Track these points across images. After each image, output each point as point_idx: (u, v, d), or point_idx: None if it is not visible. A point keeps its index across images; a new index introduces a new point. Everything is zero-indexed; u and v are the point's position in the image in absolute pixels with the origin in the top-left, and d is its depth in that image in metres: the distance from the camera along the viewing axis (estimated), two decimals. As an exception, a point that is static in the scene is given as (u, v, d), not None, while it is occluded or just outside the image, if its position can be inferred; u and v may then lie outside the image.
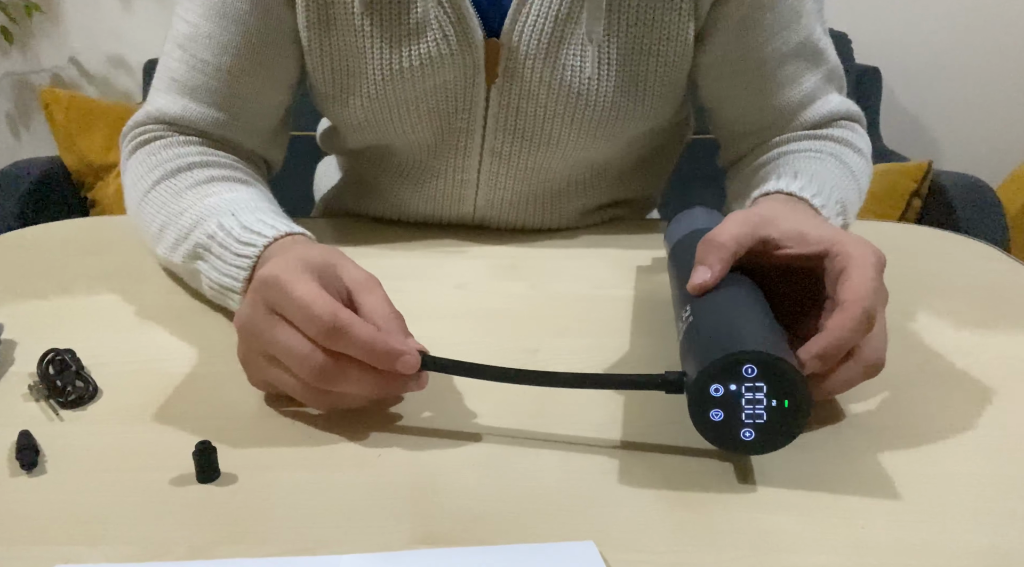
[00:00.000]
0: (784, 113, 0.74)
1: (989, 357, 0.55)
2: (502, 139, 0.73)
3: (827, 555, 0.38)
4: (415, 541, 0.39)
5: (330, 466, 0.44)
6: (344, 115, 0.73)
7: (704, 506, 0.41)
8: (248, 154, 0.73)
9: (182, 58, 0.69)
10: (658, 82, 0.71)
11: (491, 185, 0.77)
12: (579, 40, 0.68)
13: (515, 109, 0.71)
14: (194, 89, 0.68)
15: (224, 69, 0.68)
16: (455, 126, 0.73)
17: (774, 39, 0.70)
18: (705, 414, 0.42)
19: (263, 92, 0.71)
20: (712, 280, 0.48)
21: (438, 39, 0.67)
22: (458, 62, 0.68)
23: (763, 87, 0.73)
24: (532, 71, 0.69)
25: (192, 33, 0.68)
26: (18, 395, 0.50)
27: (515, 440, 0.46)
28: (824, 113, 0.74)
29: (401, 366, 0.44)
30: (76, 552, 0.38)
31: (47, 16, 2.23)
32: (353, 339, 0.43)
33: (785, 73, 0.72)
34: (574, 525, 0.40)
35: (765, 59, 0.71)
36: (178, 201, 0.62)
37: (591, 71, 0.68)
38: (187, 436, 0.46)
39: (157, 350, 0.56)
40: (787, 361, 0.40)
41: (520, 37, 0.67)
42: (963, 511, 0.41)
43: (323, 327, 0.43)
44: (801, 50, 0.71)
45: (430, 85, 0.69)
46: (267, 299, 0.46)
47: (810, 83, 0.73)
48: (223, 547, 0.38)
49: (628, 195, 0.84)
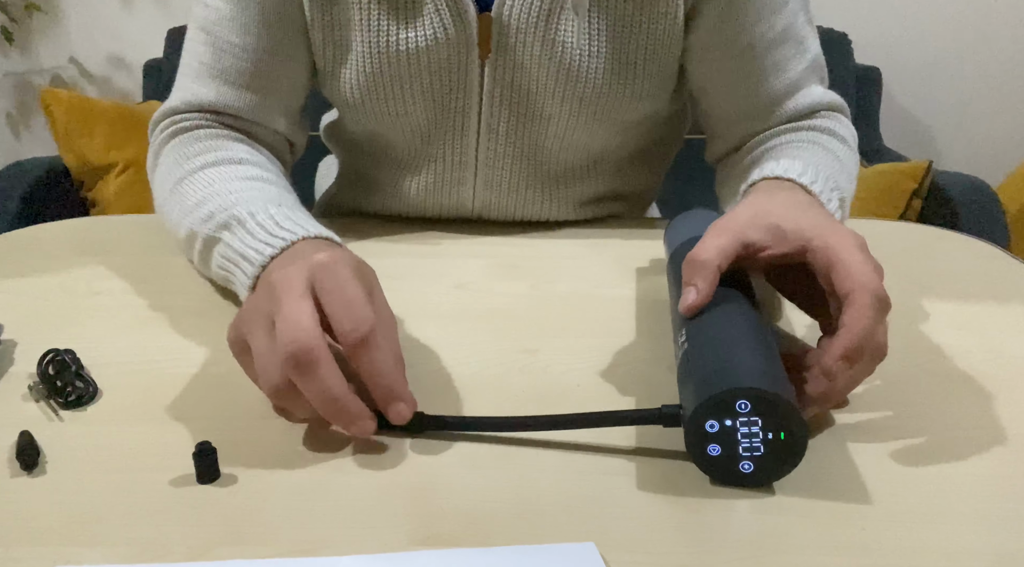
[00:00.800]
0: (769, 102, 0.74)
1: (989, 357, 0.55)
2: (498, 116, 0.74)
3: (827, 556, 0.38)
4: (415, 541, 0.39)
5: (330, 466, 0.44)
6: (341, 91, 0.74)
7: (704, 507, 0.41)
8: (279, 139, 0.75)
9: (208, 41, 0.69)
10: (648, 60, 0.72)
11: (490, 165, 0.77)
12: (569, 15, 0.68)
13: (509, 83, 0.72)
14: (224, 71, 0.69)
15: (250, 49, 0.69)
16: (451, 106, 0.74)
17: (760, 23, 0.70)
18: (703, 449, 0.42)
19: (287, 71, 0.72)
20: (700, 300, 0.48)
21: (432, 15, 0.68)
22: (452, 39, 0.69)
23: (750, 72, 0.73)
24: (524, 46, 0.69)
25: (215, 17, 0.69)
26: (18, 395, 0.50)
27: (515, 440, 0.46)
28: (807, 104, 0.74)
29: (360, 430, 0.44)
30: (76, 552, 0.38)
31: (47, 16, 2.23)
32: (315, 384, 0.43)
33: (772, 59, 0.72)
34: (574, 525, 0.40)
35: (752, 43, 0.71)
36: (228, 184, 0.62)
37: (582, 46, 0.69)
38: (187, 436, 0.46)
39: (157, 350, 0.56)
40: (780, 394, 0.40)
41: (511, 11, 0.68)
42: (963, 511, 0.41)
43: (293, 356, 0.42)
44: (785, 37, 0.72)
45: (424, 63, 0.70)
46: (313, 276, 0.46)
47: (794, 72, 0.73)
48: (223, 548, 0.38)
49: (625, 188, 0.85)
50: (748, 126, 0.76)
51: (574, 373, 0.53)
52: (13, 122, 2.40)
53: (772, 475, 0.42)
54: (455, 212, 0.81)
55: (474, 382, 0.52)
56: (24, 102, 2.36)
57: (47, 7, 2.21)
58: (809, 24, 0.74)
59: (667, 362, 0.55)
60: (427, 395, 0.50)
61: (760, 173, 0.61)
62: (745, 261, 0.50)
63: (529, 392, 0.51)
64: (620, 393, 0.51)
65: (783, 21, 0.71)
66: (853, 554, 0.38)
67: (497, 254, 0.74)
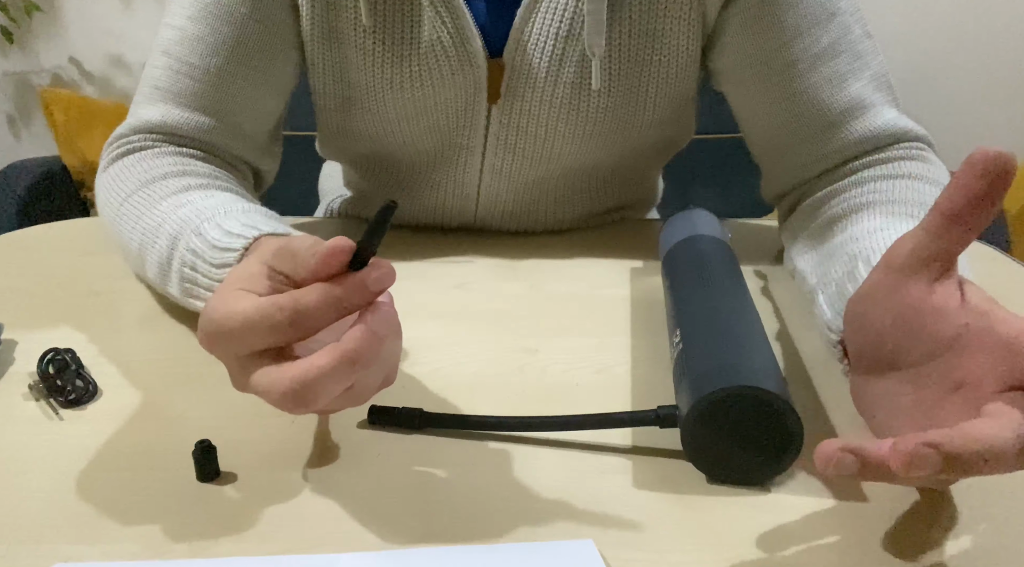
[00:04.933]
0: (826, 122, 0.65)
1: (988, 357, 0.55)
2: (503, 157, 0.73)
3: (827, 556, 0.38)
4: (414, 539, 0.39)
5: (330, 466, 0.44)
6: (345, 125, 0.73)
7: (704, 506, 0.41)
8: (237, 162, 0.70)
9: (166, 64, 0.66)
10: (660, 94, 0.70)
11: (491, 199, 0.77)
12: (581, 56, 0.67)
13: (516, 128, 0.71)
14: (178, 94, 0.66)
15: (212, 71, 0.65)
16: (456, 142, 0.73)
17: (801, 38, 0.64)
18: (698, 449, 0.42)
19: (255, 97, 0.68)
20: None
21: (440, 58, 0.66)
22: (459, 81, 0.68)
23: (794, 90, 0.65)
24: (534, 91, 0.68)
25: (178, 37, 0.66)
26: (18, 395, 0.51)
27: (515, 440, 0.46)
28: (879, 126, 0.64)
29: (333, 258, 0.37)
30: (76, 552, 0.38)
31: (47, 16, 2.23)
32: (310, 309, 0.37)
33: (821, 75, 0.64)
34: (574, 525, 0.40)
35: (794, 60, 0.64)
36: (152, 214, 0.57)
37: (594, 86, 0.67)
38: (187, 436, 0.46)
39: (157, 350, 0.56)
40: (774, 392, 0.40)
41: (523, 57, 0.67)
42: (963, 511, 0.41)
43: (280, 325, 0.37)
44: (837, 50, 0.64)
45: (431, 103, 0.69)
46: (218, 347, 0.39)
47: (855, 88, 0.64)
48: (223, 546, 0.38)
49: (631, 199, 0.84)
50: (805, 152, 0.66)
51: (573, 373, 0.53)
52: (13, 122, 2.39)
53: (767, 474, 0.42)
54: (456, 224, 0.81)
55: (474, 382, 0.52)
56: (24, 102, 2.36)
57: (47, 7, 2.21)
58: (868, 38, 0.66)
59: (665, 362, 0.55)
60: (427, 395, 0.50)
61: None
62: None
63: (529, 392, 0.51)
64: (619, 392, 0.51)
65: (831, 35, 0.64)
66: (851, 553, 0.38)
67: (497, 255, 0.74)
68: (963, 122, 2.21)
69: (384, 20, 0.66)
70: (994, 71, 2.16)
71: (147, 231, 0.57)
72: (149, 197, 0.59)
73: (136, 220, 0.58)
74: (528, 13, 0.66)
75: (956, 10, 2.12)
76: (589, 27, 0.65)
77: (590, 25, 0.65)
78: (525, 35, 0.66)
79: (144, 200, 0.59)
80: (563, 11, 0.65)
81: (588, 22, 0.65)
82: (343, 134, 0.75)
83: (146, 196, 0.59)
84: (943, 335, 0.37)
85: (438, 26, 0.65)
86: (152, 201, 0.59)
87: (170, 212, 0.56)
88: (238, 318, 0.38)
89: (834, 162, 0.65)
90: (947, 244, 0.37)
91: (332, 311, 0.37)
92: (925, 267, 0.38)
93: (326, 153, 0.85)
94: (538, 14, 0.66)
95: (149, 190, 0.60)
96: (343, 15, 0.67)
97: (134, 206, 0.59)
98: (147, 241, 0.56)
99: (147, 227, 0.57)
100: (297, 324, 0.37)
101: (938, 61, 2.17)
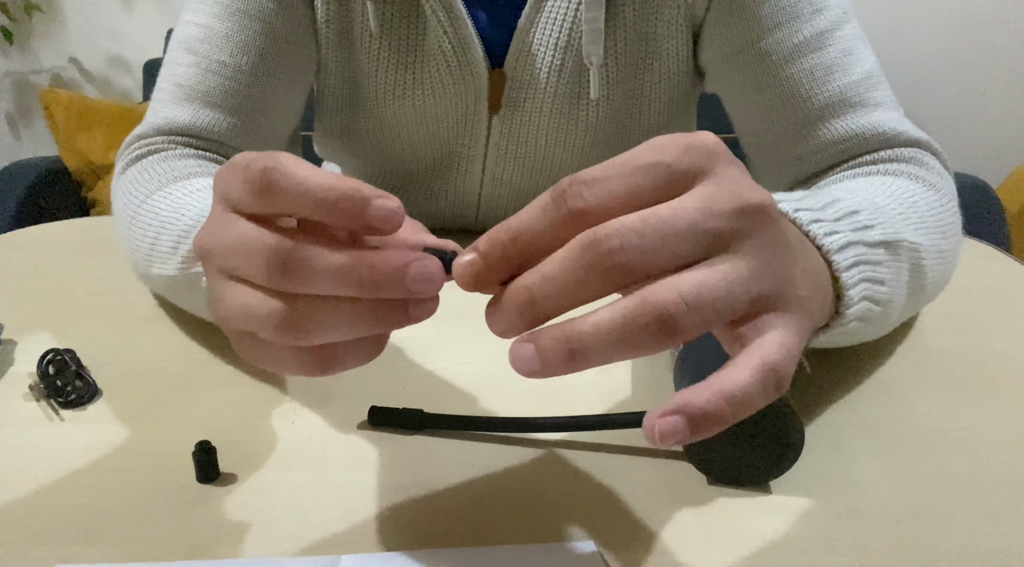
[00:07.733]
0: (806, 117, 0.63)
1: (989, 357, 0.55)
2: (503, 167, 0.73)
3: (827, 556, 0.38)
4: (415, 542, 0.39)
5: (330, 466, 0.44)
6: (348, 126, 0.74)
7: (704, 506, 0.41)
8: None
9: (192, 62, 0.64)
10: (657, 99, 0.70)
11: (492, 206, 0.77)
12: (579, 66, 0.67)
13: (516, 139, 0.71)
14: (207, 93, 0.63)
15: (244, 70, 0.64)
16: (456, 151, 0.73)
17: (779, 29, 0.63)
18: (699, 450, 0.42)
19: (284, 95, 0.67)
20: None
21: (442, 67, 0.67)
22: (460, 90, 0.68)
23: (770, 82, 0.63)
24: (535, 102, 0.68)
25: (204, 35, 0.64)
26: (18, 395, 0.50)
27: (515, 441, 0.46)
28: (866, 125, 0.61)
29: (380, 218, 0.29)
30: (76, 552, 0.38)
31: (47, 16, 2.23)
32: (290, 185, 0.29)
33: (800, 67, 0.62)
34: (575, 526, 0.40)
35: (768, 51, 0.63)
36: (173, 207, 0.54)
37: (593, 95, 0.67)
38: (187, 436, 0.46)
39: (157, 350, 0.56)
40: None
41: (524, 67, 0.67)
42: (963, 511, 0.41)
43: (251, 180, 0.29)
44: (819, 44, 0.62)
45: (432, 112, 0.69)
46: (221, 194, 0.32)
47: (841, 83, 0.62)
48: (223, 547, 0.38)
49: None
50: (786, 150, 0.65)
51: (573, 374, 0.53)
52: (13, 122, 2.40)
53: (768, 475, 0.42)
54: (458, 228, 0.81)
55: (474, 383, 0.52)
56: (24, 102, 2.36)
57: (47, 7, 2.21)
58: (859, 38, 0.64)
59: (665, 362, 0.55)
60: (427, 395, 0.50)
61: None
62: None
63: (529, 392, 0.51)
64: (619, 393, 0.51)
65: (814, 28, 0.62)
66: (851, 554, 0.38)
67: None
68: (963, 122, 2.21)
69: (391, 27, 0.66)
70: (994, 71, 2.16)
71: (166, 221, 0.53)
72: (171, 194, 0.57)
73: (154, 215, 0.54)
74: (529, 23, 0.66)
75: (956, 9, 2.12)
76: (587, 36, 0.65)
77: (588, 34, 0.65)
78: (526, 45, 0.66)
79: (166, 196, 0.56)
80: (563, 21, 0.66)
81: (586, 31, 0.65)
82: (345, 135, 0.75)
83: (168, 194, 0.57)
84: None
85: (440, 35, 0.65)
86: (176, 197, 0.55)
87: (197, 201, 0.52)
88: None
89: (819, 165, 0.64)
90: None
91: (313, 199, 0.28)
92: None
93: (325, 154, 0.85)
94: (539, 24, 0.66)
95: (172, 188, 0.57)
96: (354, 19, 0.67)
97: (156, 203, 0.56)
98: (163, 231, 0.52)
99: (166, 218, 0.53)
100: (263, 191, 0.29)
101: (937, 61, 2.17)
